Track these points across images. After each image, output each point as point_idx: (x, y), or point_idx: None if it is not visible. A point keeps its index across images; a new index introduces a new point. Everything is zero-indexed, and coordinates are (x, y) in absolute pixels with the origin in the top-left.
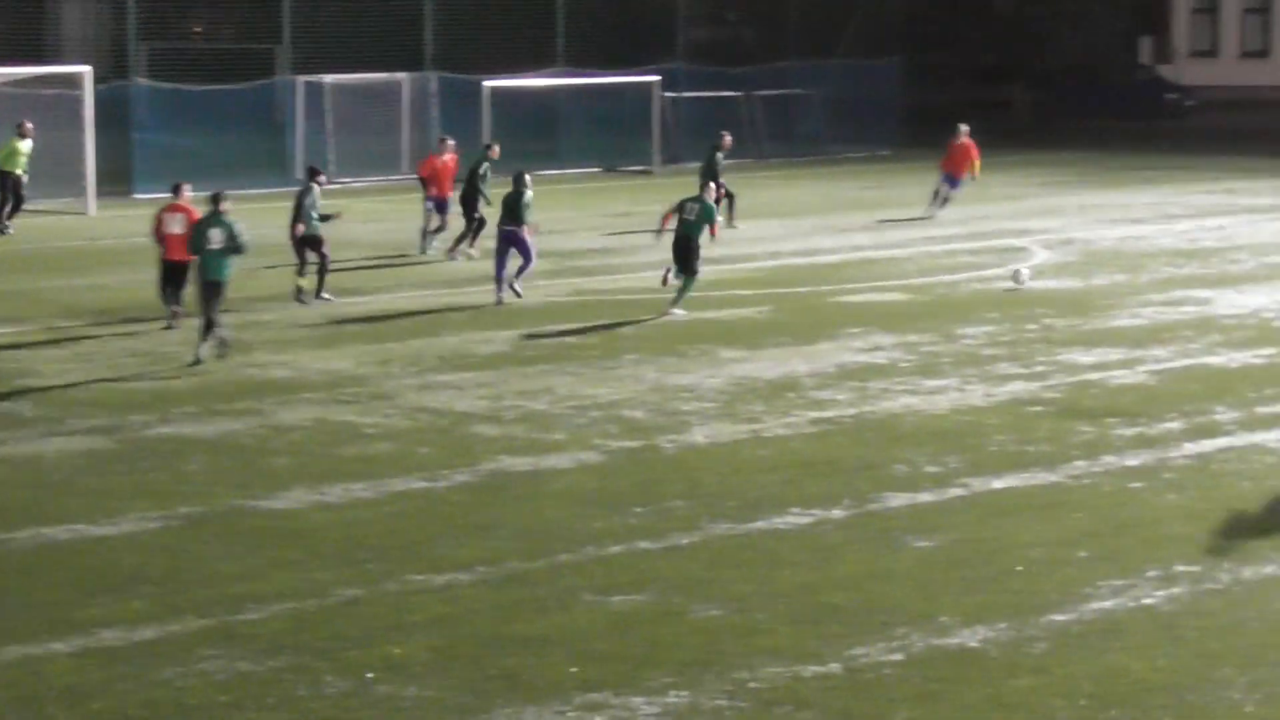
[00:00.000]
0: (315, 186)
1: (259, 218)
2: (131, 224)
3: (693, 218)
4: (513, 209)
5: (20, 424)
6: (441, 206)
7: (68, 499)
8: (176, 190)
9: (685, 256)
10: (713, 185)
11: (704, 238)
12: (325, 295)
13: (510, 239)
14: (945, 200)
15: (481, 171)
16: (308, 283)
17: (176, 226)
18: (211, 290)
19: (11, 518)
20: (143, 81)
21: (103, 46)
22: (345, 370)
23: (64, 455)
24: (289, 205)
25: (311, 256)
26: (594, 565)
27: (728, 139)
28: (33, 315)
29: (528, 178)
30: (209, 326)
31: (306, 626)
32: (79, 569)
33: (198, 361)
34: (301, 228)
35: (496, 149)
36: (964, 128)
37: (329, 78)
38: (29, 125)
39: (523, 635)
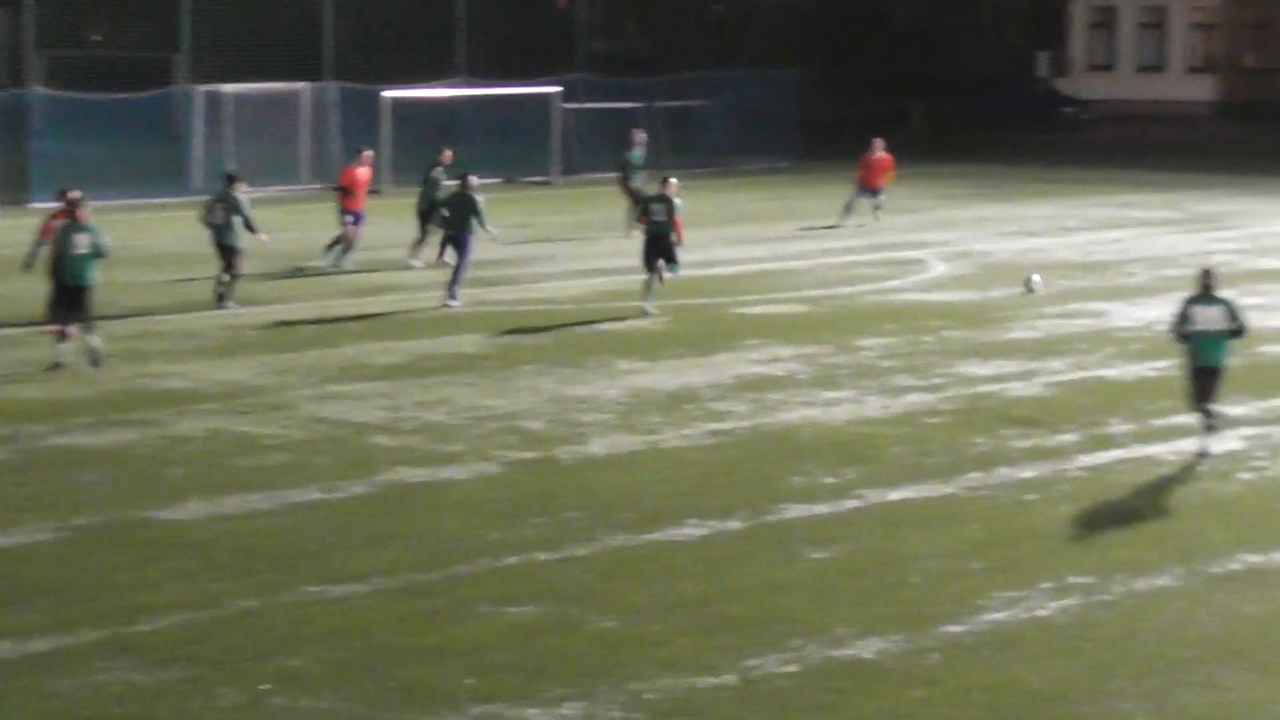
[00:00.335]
0: (242, 196)
1: (157, 227)
2: (28, 234)
3: (662, 218)
4: (459, 212)
5: None
6: (357, 219)
7: None
8: (64, 195)
9: (664, 251)
10: (673, 181)
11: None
12: (230, 304)
13: (455, 244)
14: (876, 209)
15: (434, 177)
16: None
17: None
18: (78, 296)
19: None
20: (40, 89)
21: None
22: (242, 381)
23: None
24: (188, 215)
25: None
26: (491, 576)
27: (639, 135)
28: None
29: (474, 179)
30: (87, 329)
31: (201, 638)
32: None
33: (59, 365)
34: (265, 236)
35: (449, 154)
36: (878, 141)
37: (228, 87)
38: None
39: (419, 646)
